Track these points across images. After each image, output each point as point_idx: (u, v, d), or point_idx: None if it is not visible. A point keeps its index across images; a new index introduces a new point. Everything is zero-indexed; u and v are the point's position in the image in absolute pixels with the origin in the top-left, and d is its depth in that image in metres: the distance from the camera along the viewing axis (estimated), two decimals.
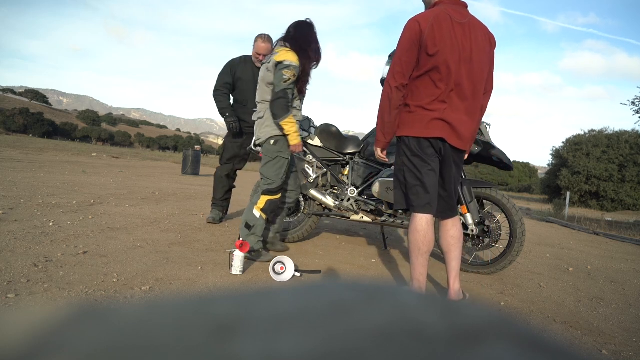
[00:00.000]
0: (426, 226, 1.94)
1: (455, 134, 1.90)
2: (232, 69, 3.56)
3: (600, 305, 2.43)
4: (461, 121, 1.90)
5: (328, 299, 0.16)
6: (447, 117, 1.88)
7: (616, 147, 17.88)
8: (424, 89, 1.89)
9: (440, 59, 1.84)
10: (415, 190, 1.95)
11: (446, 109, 1.88)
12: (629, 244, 5.66)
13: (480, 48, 1.91)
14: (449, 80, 1.86)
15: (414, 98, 1.92)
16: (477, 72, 1.91)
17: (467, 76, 1.88)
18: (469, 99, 1.90)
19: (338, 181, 3.13)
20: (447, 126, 1.89)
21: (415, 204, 1.95)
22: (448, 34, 1.85)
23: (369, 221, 3.08)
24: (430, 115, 1.89)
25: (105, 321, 0.16)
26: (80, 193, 4.52)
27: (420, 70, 1.88)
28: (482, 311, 0.16)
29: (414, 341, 0.14)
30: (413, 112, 1.92)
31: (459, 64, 1.86)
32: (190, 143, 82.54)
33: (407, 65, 1.89)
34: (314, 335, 0.14)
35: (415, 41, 1.86)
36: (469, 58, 1.88)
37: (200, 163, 11.27)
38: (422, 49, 1.85)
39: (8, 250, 2.15)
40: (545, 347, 0.15)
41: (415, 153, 1.94)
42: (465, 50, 1.87)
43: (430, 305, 0.16)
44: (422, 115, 1.90)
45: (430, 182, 1.94)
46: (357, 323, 0.15)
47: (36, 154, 11.90)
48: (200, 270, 2.22)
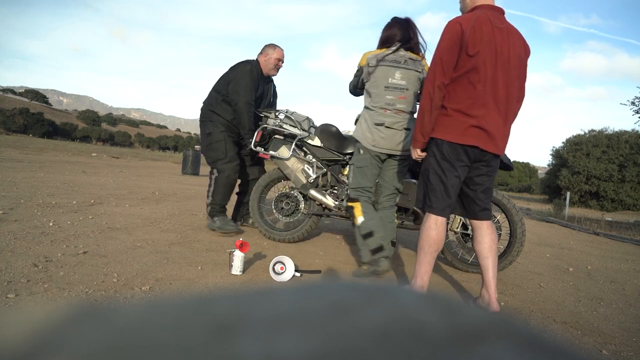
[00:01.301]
0: (440, 226, 1.95)
1: (491, 141, 1.89)
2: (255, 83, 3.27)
3: (600, 305, 2.43)
4: (497, 127, 1.89)
5: (328, 299, 0.16)
6: (485, 124, 1.86)
7: (616, 147, 17.88)
8: (461, 90, 1.88)
9: (480, 59, 1.84)
10: (437, 193, 1.95)
11: (484, 115, 1.86)
12: (629, 244, 5.66)
13: (517, 54, 1.91)
14: (487, 82, 1.85)
15: (451, 100, 1.91)
16: (513, 77, 1.90)
17: (504, 80, 1.88)
18: (504, 103, 1.89)
19: (338, 181, 3.12)
20: (483, 134, 1.87)
21: (435, 205, 1.96)
22: (488, 36, 1.85)
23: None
24: (469, 122, 1.87)
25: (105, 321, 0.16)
26: (80, 193, 4.52)
27: (459, 71, 1.87)
28: (482, 311, 0.16)
29: (414, 341, 0.14)
30: (450, 116, 1.90)
31: (496, 67, 1.86)
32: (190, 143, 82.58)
33: (447, 64, 1.87)
34: (314, 335, 0.14)
35: (456, 41, 1.85)
36: (507, 62, 1.88)
37: (200, 163, 11.27)
38: (462, 50, 1.85)
39: (8, 250, 2.14)
40: (545, 347, 0.15)
41: (446, 157, 1.93)
42: (503, 54, 1.87)
43: (430, 305, 0.16)
44: (459, 121, 1.88)
45: (453, 188, 1.95)
46: (357, 323, 0.15)
47: (36, 154, 11.90)
48: (200, 270, 2.22)
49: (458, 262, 2.94)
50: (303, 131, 3.17)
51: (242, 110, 3.17)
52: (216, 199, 3.23)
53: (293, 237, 3.17)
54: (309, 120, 3.26)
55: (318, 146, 3.16)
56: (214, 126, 3.25)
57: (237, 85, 3.20)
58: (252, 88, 3.21)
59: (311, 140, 3.17)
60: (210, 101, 3.31)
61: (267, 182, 3.29)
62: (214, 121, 3.26)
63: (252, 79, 3.22)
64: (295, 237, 3.17)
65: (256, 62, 3.35)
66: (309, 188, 3.10)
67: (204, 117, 3.32)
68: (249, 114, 3.19)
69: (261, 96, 3.37)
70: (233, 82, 3.23)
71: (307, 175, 3.12)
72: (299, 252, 2.89)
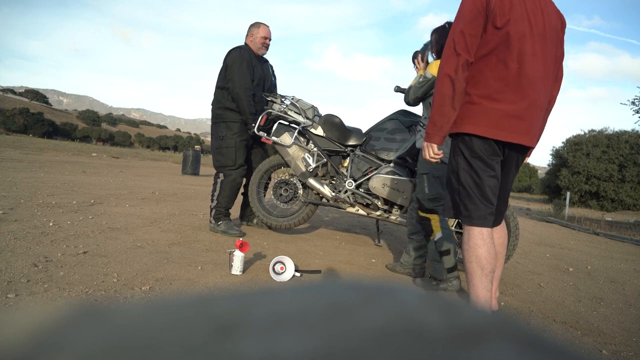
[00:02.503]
0: (488, 240, 1.59)
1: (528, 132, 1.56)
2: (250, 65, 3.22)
3: (600, 305, 2.43)
4: (535, 114, 1.56)
5: (328, 299, 0.16)
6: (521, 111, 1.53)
7: (616, 147, 17.88)
8: (489, 71, 1.53)
9: (512, 29, 1.50)
10: (473, 199, 1.59)
11: (520, 100, 1.53)
12: (629, 244, 5.66)
13: (552, 26, 1.59)
14: (522, 58, 1.51)
15: (477, 85, 1.55)
16: (550, 52, 1.57)
17: (541, 56, 1.55)
18: (540, 84, 1.56)
19: (337, 172, 3.15)
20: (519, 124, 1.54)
21: (474, 214, 1.60)
22: (519, 3, 1.52)
23: (364, 214, 3.12)
24: (501, 110, 1.52)
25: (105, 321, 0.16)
26: (80, 193, 4.52)
27: (486, 48, 1.53)
28: (482, 311, 0.16)
29: (414, 341, 0.14)
30: (476, 104, 1.55)
31: (532, 39, 1.52)
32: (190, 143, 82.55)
33: (471, 38, 1.52)
34: (314, 336, 0.14)
35: (480, 10, 1.52)
36: (543, 35, 1.55)
37: (200, 163, 11.28)
38: (488, 21, 1.52)
39: (8, 250, 2.15)
40: (545, 347, 0.15)
41: (477, 154, 1.58)
42: (538, 24, 1.54)
43: (430, 305, 0.16)
44: (488, 108, 1.53)
45: (492, 190, 1.61)
46: (357, 323, 0.15)
47: (36, 154, 11.90)
48: (200, 270, 2.22)
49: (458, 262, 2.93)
50: (307, 119, 3.19)
51: (239, 96, 3.11)
52: (221, 202, 3.20)
53: (289, 223, 3.19)
54: (314, 109, 3.27)
55: (321, 136, 3.18)
56: (227, 129, 3.18)
57: (231, 73, 3.15)
58: (246, 72, 3.15)
59: (314, 129, 3.18)
60: (218, 98, 3.24)
61: (267, 167, 3.31)
62: (227, 121, 3.19)
63: (244, 63, 3.16)
64: (292, 223, 3.18)
65: (245, 45, 3.30)
66: (307, 177, 3.12)
67: (216, 118, 3.24)
68: (247, 98, 3.13)
69: (262, 78, 3.31)
70: (227, 70, 3.19)
71: (307, 164, 3.15)
72: (299, 252, 2.89)
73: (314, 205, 3.18)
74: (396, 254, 3.27)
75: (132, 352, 0.14)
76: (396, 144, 3.02)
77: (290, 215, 3.21)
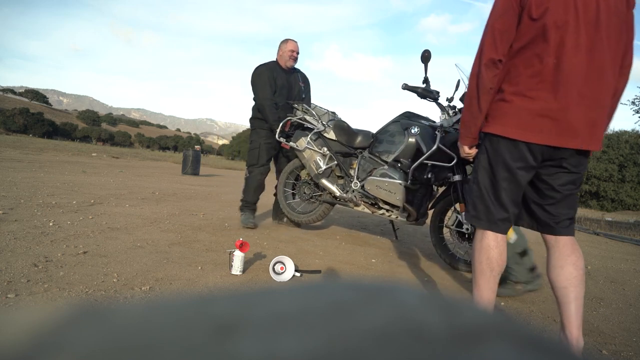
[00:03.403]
0: (502, 243, 1.51)
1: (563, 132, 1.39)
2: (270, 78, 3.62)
3: (600, 305, 2.43)
4: (579, 113, 1.38)
5: (328, 299, 0.16)
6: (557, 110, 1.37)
7: (616, 147, 17.89)
8: (523, 67, 1.42)
9: (549, 20, 1.36)
10: (486, 201, 1.52)
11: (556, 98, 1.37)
12: (629, 244, 5.66)
13: (612, 9, 1.39)
14: (561, 51, 1.36)
15: (511, 81, 1.44)
16: (606, 41, 1.38)
17: (589, 47, 1.37)
18: (590, 78, 1.38)
19: (346, 174, 3.38)
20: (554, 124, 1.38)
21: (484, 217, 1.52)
22: None
23: (369, 212, 3.32)
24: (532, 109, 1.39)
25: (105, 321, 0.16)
26: (80, 193, 4.52)
27: (521, 41, 1.41)
28: (482, 311, 0.16)
29: (414, 341, 0.14)
30: (508, 102, 1.45)
31: (576, 29, 1.36)
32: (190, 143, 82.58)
33: (500, 34, 1.41)
34: (314, 336, 0.14)
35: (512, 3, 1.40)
36: (594, 21, 1.37)
37: (200, 163, 11.28)
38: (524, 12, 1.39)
39: (8, 250, 2.15)
40: (545, 347, 0.15)
41: (502, 158, 1.47)
42: (589, 10, 1.36)
43: (430, 305, 0.16)
44: (519, 107, 1.42)
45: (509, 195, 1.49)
46: (357, 323, 0.15)
47: (36, 154, 11.90)
48: (200, 270, 2.22)
49: (456, 263, 2.94)
50: (322, 124, 3.47)
51: (262, 106, 3.58)
52: (246, 196, 3.71)
53: (308, 219, 3.53)
54: (328, 114, 3.56)
55: (333, 139, 3.45)
56: (256, 134, 3.70)
57: (254, 87, 3.66)
58: (266, 85, 3.57)
59: (327, 133, 3.46)
60: (253, 111, 3.76)
61: (291, 169, 3.68)
62: (255, 129, 3.71)
63: (264, 77, 3.59)
64: (309, 220, 3.52)
65: (270, 62, 3.73)
66: (319, 177, 3.39)
67: (251, 126, 3.80)
68: (269, 107, 3.55)
69: (284, 87, 3.69)
70: (252, 86, 3.69)
71: (318, 166, 3.40)
72: (299, 252, 2.89)
73: (329, 204, 3.46)
74: (396, 254, 3.27)
75: (132, 352, 0.14)
76: (394, 146, 3.17)
77: (309, 212, 3.54)
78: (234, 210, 4.36)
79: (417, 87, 3.01)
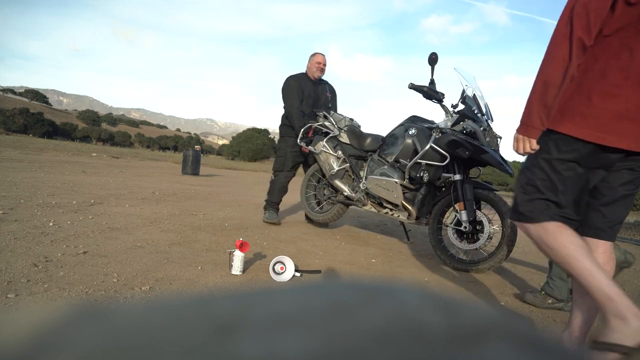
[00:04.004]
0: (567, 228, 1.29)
1: None
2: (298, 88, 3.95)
3: None
4: None
5: (328, 299, 0.16)
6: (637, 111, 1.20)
7: None
8: (606, 58, 1.21)
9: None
10: (543, 204, 1.32)
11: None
12: (629, 244, 5.67)
13: None
14: None
15: (589, 74, 1.24)
16: None
17: None
18: None
19: (357, 175, 3.58)
20: (637, 128, 1.20)
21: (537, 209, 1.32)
22: None
23: (375, 212, 3.51)
24: (614, 108, 1.20)
25: (105, 321, 0.16)
26: (80, 193, 4.52)
27: (608, 28, 1.21)
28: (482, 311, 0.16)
29: (414, 341, 0.14)
30: (585, 97, 1.26)
31: None
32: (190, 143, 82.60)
33: (595, 16, 1.18)
34: (314, 335, 0.14)
35: None
36: None
37: (200, 163, 11.28)
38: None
39: (8, 250, 2.15)
40: (545, 347, 0.15)
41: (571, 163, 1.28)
42: None
43: (430, 305, 0.16)
44: (599, 106, 1.22)
45: (568, 199, 1.30)
46: (357, 323, 0.15)
47: (36, 154, 11.90)
48: (200, 270, 2.22)
49: (456, 262, 2.93)
50: (337, 129, 3.72)
51: (289, 114, 3.93)
52: (270, 197, 4.03)
53: (324, 218, 3.81)
54: (345, 120, 3.80)
55: (347, 143, 3.69)
56: (284, 142, 4.03)
57: (284, 97, 4.01)
58: (294, 94, 3.91)
59: (342, 138, 3.71)
60: (282, 119, 4.07)
61: (312, 172, 4.00)
62: (284, 136, 4.03)
63: (293, 87, 3.93)
64: (326, 219, 3.80)
65: (302, 73, 4.05)
66: (333, 178, 3.65)
67: (280, 133, 4.11)
68: (297, 115, 3.88)
69: (311, 97, 4.00)
70: (282, 95, 4.02)
71: (331, 167, 3.65)
72: (299, 252, 2.89)
73: (343, 204, 3.67)
74: (396, 254, 3.27)
75: (132, 352, 0.14)
76: (396, 148, 3.36)
77: (326, 212, 3.82)
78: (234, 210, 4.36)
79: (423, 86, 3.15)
